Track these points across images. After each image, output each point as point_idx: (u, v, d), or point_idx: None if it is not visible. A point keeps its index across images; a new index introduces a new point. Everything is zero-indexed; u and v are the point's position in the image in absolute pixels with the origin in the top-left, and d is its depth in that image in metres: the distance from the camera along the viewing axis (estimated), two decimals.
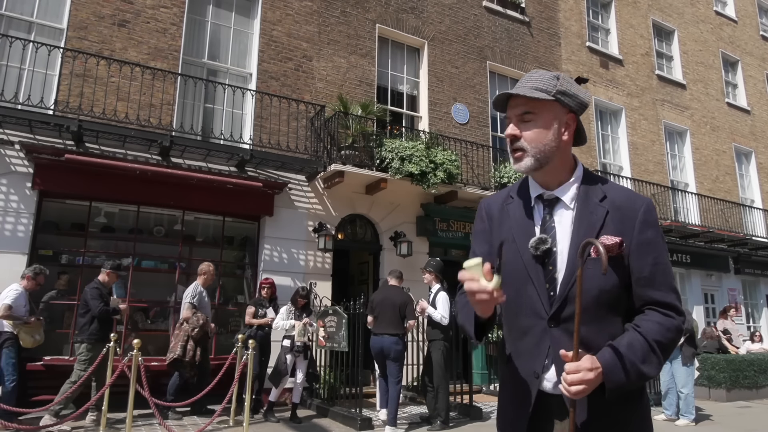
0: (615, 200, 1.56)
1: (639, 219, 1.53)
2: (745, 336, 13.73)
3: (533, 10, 13.41)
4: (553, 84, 1.55)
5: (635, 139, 14.55)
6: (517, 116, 1.58)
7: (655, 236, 1.54)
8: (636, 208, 1.54)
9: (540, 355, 1.54)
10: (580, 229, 1.54)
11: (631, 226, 1.52)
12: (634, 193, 1.61)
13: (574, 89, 1.58)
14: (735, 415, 8.74)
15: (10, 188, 7.35)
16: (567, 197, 1.60)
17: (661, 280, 1.52)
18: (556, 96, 1.54)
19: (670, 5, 16.73)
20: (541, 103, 1.55)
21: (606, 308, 1.51)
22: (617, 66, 14.82)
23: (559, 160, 1.59)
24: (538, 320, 1.55)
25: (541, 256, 1.56)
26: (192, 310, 7.02)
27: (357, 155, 9.38)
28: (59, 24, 8.12)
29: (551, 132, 1.56)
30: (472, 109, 11.75)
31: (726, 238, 14.42)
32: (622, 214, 1.53)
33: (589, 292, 1.47)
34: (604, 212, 1.54)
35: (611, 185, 1.62)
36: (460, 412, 7.58)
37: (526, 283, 1.57)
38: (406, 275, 9.59)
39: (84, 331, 6.39)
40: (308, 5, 10.17)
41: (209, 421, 6.15)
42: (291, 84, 9.68)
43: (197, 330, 6.88)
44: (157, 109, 8.30)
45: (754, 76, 18.50)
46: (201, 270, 7.45)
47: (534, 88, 1.54)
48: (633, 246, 1.52)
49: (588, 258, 1.47)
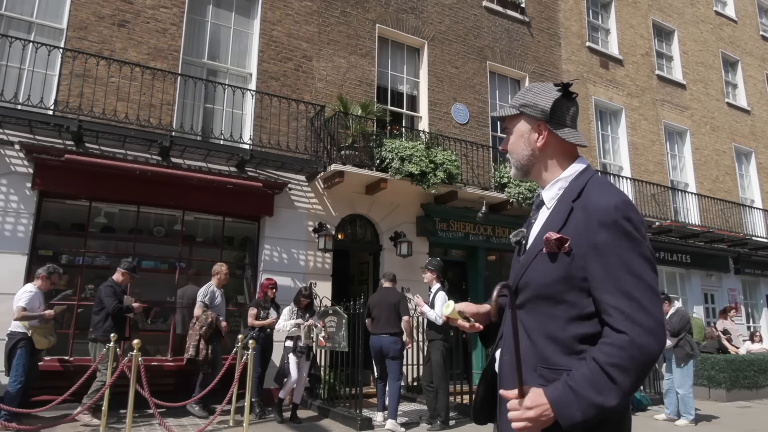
0: (586, 200, 1.51)
1: (597, 219, 1.44)
2: (744, 336, 13.73)
3: (533, 10, 13.41)
4: (518, 100, 1.69)
5: (635, 139, 14.55)
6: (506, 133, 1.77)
7: (610, 238, 1.41)
8: (597, 210, 1.45)
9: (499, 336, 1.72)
10: (546, 226, 1.59)
11: (586, 227, 1.45)
12: (611, 194, 1.49)
13: (536, 99, 1.64)
14: (735, 415, 8.75)
15: (10, 188, 7.34)
16: (547, 197, 1.66)
17: (611, 285, 1.39)
18: (520, 109, 1.68)
19: (670, 5, 16.73)
20: (510, 119, 1.73)
21: (547, 303, 1.51)
22: (617, 66, 14.82)
23: (541, 165, 1.68)
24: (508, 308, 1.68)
25: (516, 247, 1.74)
26: (202, 308, 7.16)
27: (357, 155, 9.38)
28: (59, 24, 8.12)
29: (522, 141, 1.69)
30: (472, 109, 11.75)
31: (726, 238, 14.42)
32: (586, 214, 1.47)
33: (530, 284, 1.56)
34: (568, 210, 1.53)
35: (595, 185, 1.55)
36: (461, 412, 7.58)
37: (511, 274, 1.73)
38: (406, 275, 9.62)
39: (98, 329, 6.50)
40: (308, 5, 10.17)
41: (209, 421, 6.15)
42: (291, 84, 9.68)
43: (205, 328, 6.97)
44: (157, 109, 8.30)
45: (754, 76, 18.50)
46: (214, 270, 7.58)
47: (509, 106, 1.72)
48: (589, 247, 1.44)
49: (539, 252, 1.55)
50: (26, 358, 6.18)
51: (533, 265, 1.55)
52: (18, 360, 6.16)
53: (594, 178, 1.58)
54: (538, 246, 1.57)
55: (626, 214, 1.43)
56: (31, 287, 6.40)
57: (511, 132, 1.72)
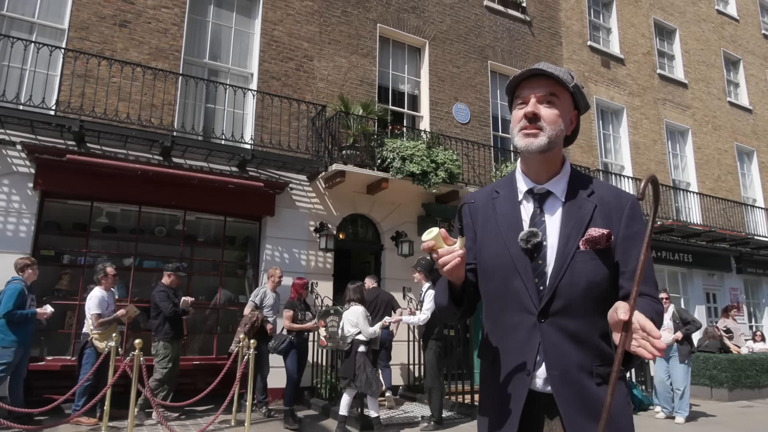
0: (603, 196, 1.59)
1: (626, 213, 1.55)
2: (746, 335, 13.71)
3: (534, 9, 13.40)
4: (570, 78, 1.59)
5: (637, 139, 14.53)
6: (539, 96, 1.57)
7: (641, 230, 1.54)
8: (623, 204, 1.56)
9: (531, 351, 1.51)
10: (569, 222, 1.55)
11: (618, 220, 1.54)
12: (620, 190, 1.63)
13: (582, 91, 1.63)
14: (737, 414, 8.73)
15: (12, 188, 7.36)
16: (558, 191, 1.61)
17: (647, 274, 1.51)
18: (573, 89, 1.59)
19: (671, 4, 16.70)
20: (563, 91, 1.59)
21: (595, 302, 1.49)
22: (619, 65, 14.80)
23: (558, 150, 1.61)
24: (526, 315, 1.53)
25: (530, 249, 1.54)
26: (251, 308, 7.25)
27: (358, 155, 9.38)
28: (60, 24, 8.13)
29: (564, 120, 1.60)
30: (473, 108, 11.74)
31: (728, 237, 14.39)
32: (609, 209, 1.56)
33: (578, 285, 1.48)
34: (592, 207, 1.56)
35: (598, 182, 1.65)
36: (459, 411, 7.56)
37: (513, 277, 1.55)
38: (407, 275, 9.62)
39: (159, 332, 6.83)
40: (309, 5, 10.17)
41: (211, 421, 6.16)
42: (292, 84, 9.68)
43: (248, 326, 6.98)
44: (158, 109, 8.31)
45: (755, 75, 18.46)
46: (269, 273, 7.67)
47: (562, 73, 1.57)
48: (619, 239, 1.53)
49: (577, 251, 1.49)
50: (95, 359, 6.34)
51: (577, 267, 1.49)
52: (87, 360, 6.38)
53: (592, 178, 1.67)
54: (571, 242, 1.52)
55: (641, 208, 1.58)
56: (98, 291, 6.56)
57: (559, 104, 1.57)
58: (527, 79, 1.59)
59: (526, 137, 1.56)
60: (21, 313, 6.02)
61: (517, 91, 1.64)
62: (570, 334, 1.47)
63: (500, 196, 1.69)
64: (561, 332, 1.48)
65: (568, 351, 1.47)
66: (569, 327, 1.47)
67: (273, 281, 7.55)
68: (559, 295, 1.49)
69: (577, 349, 1.47)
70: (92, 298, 6.46)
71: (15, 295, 6.01)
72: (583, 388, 1.47)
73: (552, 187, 1.61)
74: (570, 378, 1.47)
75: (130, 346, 6.84)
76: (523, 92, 1.60)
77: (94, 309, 6.41)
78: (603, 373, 1.48)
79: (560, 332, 1.48)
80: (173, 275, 7.11)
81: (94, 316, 6.38)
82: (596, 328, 1.49)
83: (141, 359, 5.71)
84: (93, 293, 6.52)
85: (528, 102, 1.58)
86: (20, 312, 6.01)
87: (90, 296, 6.51)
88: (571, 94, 1.60)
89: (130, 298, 7.87)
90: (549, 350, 1.48)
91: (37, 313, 6.18)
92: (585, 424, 1.45)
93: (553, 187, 1.61)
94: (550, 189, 1.61)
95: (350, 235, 10.08)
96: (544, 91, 1.57)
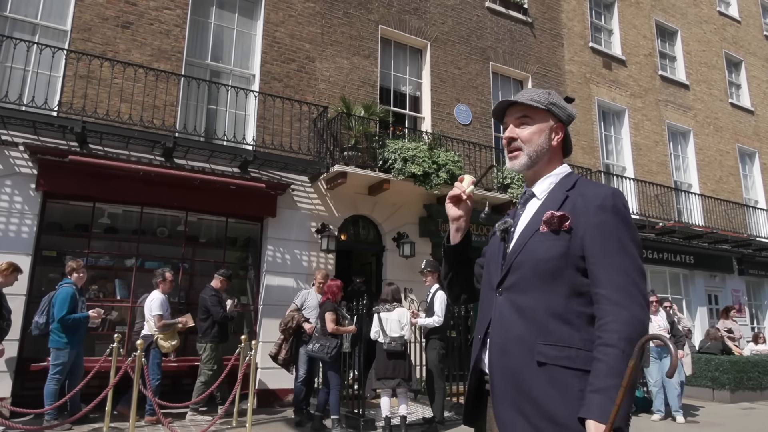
0: (583, 191, 1.66)
1: (596, 204, 1.59)
2: (747, 337, 13.67)
3: (536, 10, 13.40)
4: (546, 97, 1.77)
5: (638, 140, 14.52)
6: (515, 121, 1.79)
7: (610, 220, 1.56)
8: (597, 195, 1.61)
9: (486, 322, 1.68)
10: (540, 212, 1.67)
11: (586, 210, 1.59)
12: (605, 186, 1.67)
13: (562, 103, 1.80)
14: (739, 416, 8.71)
15: (14, 189, 7.37)
16: (538, 190, 1.76)
17: (610, 263, 1.51)
18: (548, 106, 1.76)
19: (673, 6, 16.70)
20: (536, 110, 1.77)
21: (544, 279, 1.57)
22: (620, 66, 14.80)
23: (547, 161, 1.78)
24: (491, 292, 1.70)
25: (501, 236, 1.76)
26: (291, 310, 7.33)
27: (360, 156, 9.39)
28: (63, 26, 8.16)
29: (543, 135, 1.77)
30: (474, 110, 11.75)
31: (730, 238, 14.37)
32: (584, 201, 1.61)
33: (528, 262, 1.60)
34: (563, 197, 1.66)
35: (588, 182, 1.73)
36: (458, 412, 7.56)
37: (491, 262, 1.76)
38: (409, 276, 9.63)
39: (207, 335, 7.05)
40: (311, 7, 10.19)
41: (212, 422, 6.17)
42: (294, 85, 9.70)
43: (282, 327, 7.12)
44: (160, 110, 8.33)
45: (757, 76, 18.45)
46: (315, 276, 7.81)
47: (530, 99, 1.76)
48: (588, 227, 1.57)
49: (535, 233, 1.63)
50: (160, 358, 6.77)
51: (530, 245, 1.62)
52: (153, 360, 6.70)
53: (582, 178, 1.75)
54: (533, 227, 1.65)
55: (622, 201, 1.61)
56: (157, 294, 6.86)
57: (532, 123, 1.76)
58: (509, 108, 1.82)
59: (510, 160, 1.81)
60: (74, 317, 6.20)
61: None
62: (517, 309, 1.57)
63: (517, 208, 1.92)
64: (511, 306, 1.59)
65: (513, 323, 1.56)
66: (517, 301, 1.58)
67: (317, 285, 7.59)
68: (513, 270, 1.63)
69: (521, 323, 1.55)
70: (154, 301, 6.79)
71: (68, 300, 6.18)
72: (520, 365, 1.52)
73: (535, 189, 1.78)
74: (507, 348, 1.56)
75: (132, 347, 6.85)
76: (506, 119, 1.83)
77: (156, 311, 6.73)
78: (546, 352, 1.50)
79: (510, 306, 1.60)
80: (224, 280, 7.33)
81: (157, 317, 6.70)
82: (543, 304, 1.55)
83: (143, 360, 5.73)
84: (153, 296, 6.85)
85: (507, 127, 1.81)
86: (73, 316, 6.19)
87: (151, 299, 6.83)
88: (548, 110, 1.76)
89: (131, 299, 7.88)
90: (496, 321, 1.62)
91: (89, 316, 6.39)
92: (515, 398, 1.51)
93: (535, 189, 1.78)
94: (533, 191, 1.78)
95: (352, 236, 10.09)
96: (519, 114, 1.79)
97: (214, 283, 7.29)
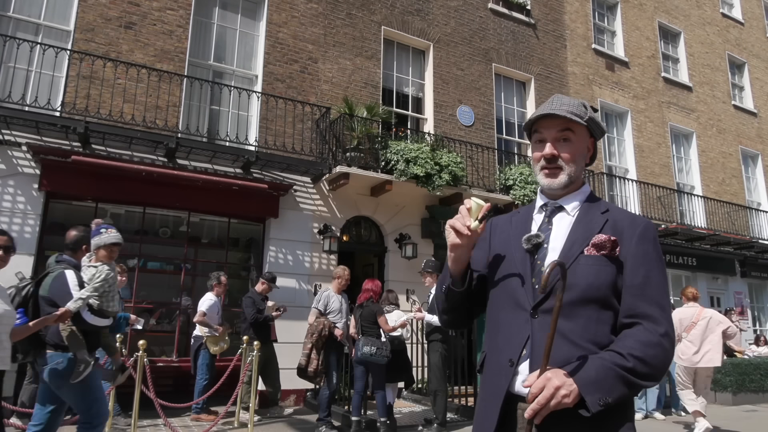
0: (616, 216, 1.62)
1: (638, 232, 1.56)
2: (749, 339, 13.64)
3: (539, 12, 13.39)
4: (584, 111, 1.65)
5: (641, 142, 14.50)
6: (555, 134, 1.65)
7: (652, 251, 1.55)
8: (636, 224, 1.59)
9: (518, 345, 1.53)
10: (577, 230, 1.59)
11: (629, 238, 1.55)
12: (635, 215, 1.66)
13: (597, 117, 1.69)
14: (741, 419, 8.69)
15: (17, 189, 7.39)
16: (569, 206, 1.67)
17: (651, 293, 1.50)
18: (588, 122, 1.64)
19: (676, 7, 16.68)
20: (577, 126, 1.64)
21: (591, 305, 1.49)
22: (623, 68, 14.78)
23: (579, 177, 1.70)
24: (520, 312, 1.55)
25: (531, 250, 1.60)
26: (316, 315, 6.66)
27: (362, 157, 9.38)
28: (66, 26, 8.17)
29: (582, 153, 1.68)
30: (477, 111, 11.74)
31: (732, 241, 14.34)
32: (622, 227, 1.58)
33: (578, 286, 1.49)
34: (603, 220, 1.60)
35: (613, 206, 1.68)
36: (463, 414, 7.55)
37: (513, 276, 1.60)
38: (411, 277, 9.63)
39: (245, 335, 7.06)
40: (314, 7, 10.20)
41: (214, 422, 6.17)
42: (296, 86, 9.70)
43: (316, 336, 6.42)
44: (163, 110, 8.34)
45: (760, 78, 18.42)
46: (335, 274, 7.12)
47: (570, 112, 1.61)
48: (629, 256, 1.53)
49: (580, 255, 1.52)
50: (209, 359, 6.92)
51: (577, 267, 1.51)
52: (202, 360, 6.90)
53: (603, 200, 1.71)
54: (575, 247, 1.56)
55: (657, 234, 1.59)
56: (211, 296, 7.12)
57: (574, 139, 1.65)
58: (543, 118, 1.66)
59: (547, 177, 1.66)
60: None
61: (534, 125, 1.69)
62: (560, 333, 1.45)
63: (519, 213, 1.79)
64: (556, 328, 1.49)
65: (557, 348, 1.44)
66: (561, 326, 1.45)
67: (339, 283, 6.95)
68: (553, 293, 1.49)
69: (564, 348, 1.45)
70: (205, 301, 7.04)
71: None
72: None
73: (564, 202, 1.67)
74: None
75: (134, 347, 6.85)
76: (540, 129, 1.67)
77: (202, 307, 6.97)
78: None
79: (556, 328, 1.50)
80: (267, 284, 7.39)
81: (200, 312, 6.93)
82: (588, 332, 1.48)
83: (145, 360, 5.73)
84: (206, 297, 7.11)
85: (545, 140, 1.66)
86: None
87: (203, 299, 7.09)
88: (586, 126, 1.66)
89: (133, 300, 7.88)
90: (536, 344, 1.49)
91: (130, 319, 6.59)
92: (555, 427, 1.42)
93: (565, 202, 1.67)
94: (562, 204, 1.67)
95: (354, 237, 10.08)
96: (559, 127, 1.64)
97: (257, 287, 7.44)
